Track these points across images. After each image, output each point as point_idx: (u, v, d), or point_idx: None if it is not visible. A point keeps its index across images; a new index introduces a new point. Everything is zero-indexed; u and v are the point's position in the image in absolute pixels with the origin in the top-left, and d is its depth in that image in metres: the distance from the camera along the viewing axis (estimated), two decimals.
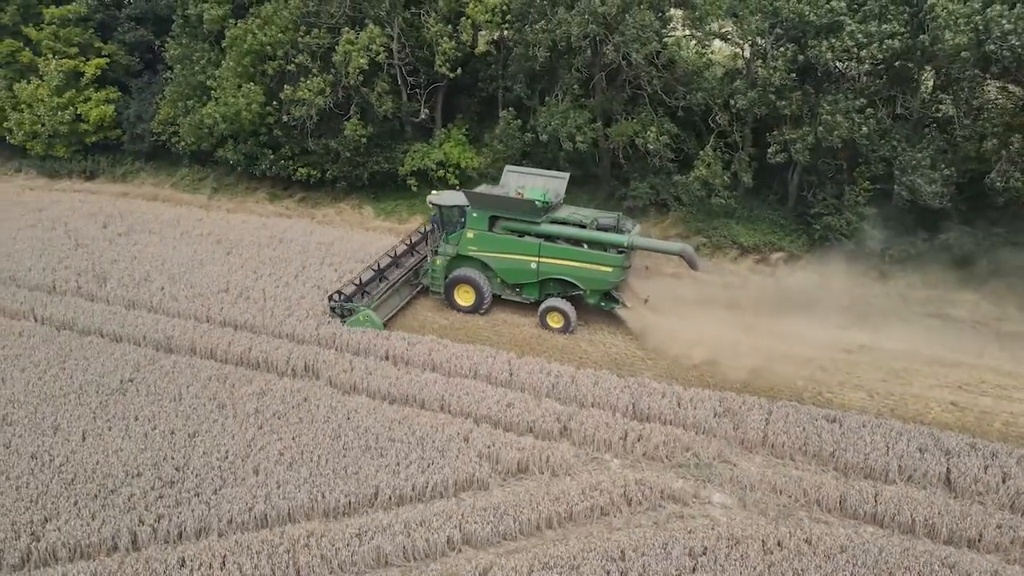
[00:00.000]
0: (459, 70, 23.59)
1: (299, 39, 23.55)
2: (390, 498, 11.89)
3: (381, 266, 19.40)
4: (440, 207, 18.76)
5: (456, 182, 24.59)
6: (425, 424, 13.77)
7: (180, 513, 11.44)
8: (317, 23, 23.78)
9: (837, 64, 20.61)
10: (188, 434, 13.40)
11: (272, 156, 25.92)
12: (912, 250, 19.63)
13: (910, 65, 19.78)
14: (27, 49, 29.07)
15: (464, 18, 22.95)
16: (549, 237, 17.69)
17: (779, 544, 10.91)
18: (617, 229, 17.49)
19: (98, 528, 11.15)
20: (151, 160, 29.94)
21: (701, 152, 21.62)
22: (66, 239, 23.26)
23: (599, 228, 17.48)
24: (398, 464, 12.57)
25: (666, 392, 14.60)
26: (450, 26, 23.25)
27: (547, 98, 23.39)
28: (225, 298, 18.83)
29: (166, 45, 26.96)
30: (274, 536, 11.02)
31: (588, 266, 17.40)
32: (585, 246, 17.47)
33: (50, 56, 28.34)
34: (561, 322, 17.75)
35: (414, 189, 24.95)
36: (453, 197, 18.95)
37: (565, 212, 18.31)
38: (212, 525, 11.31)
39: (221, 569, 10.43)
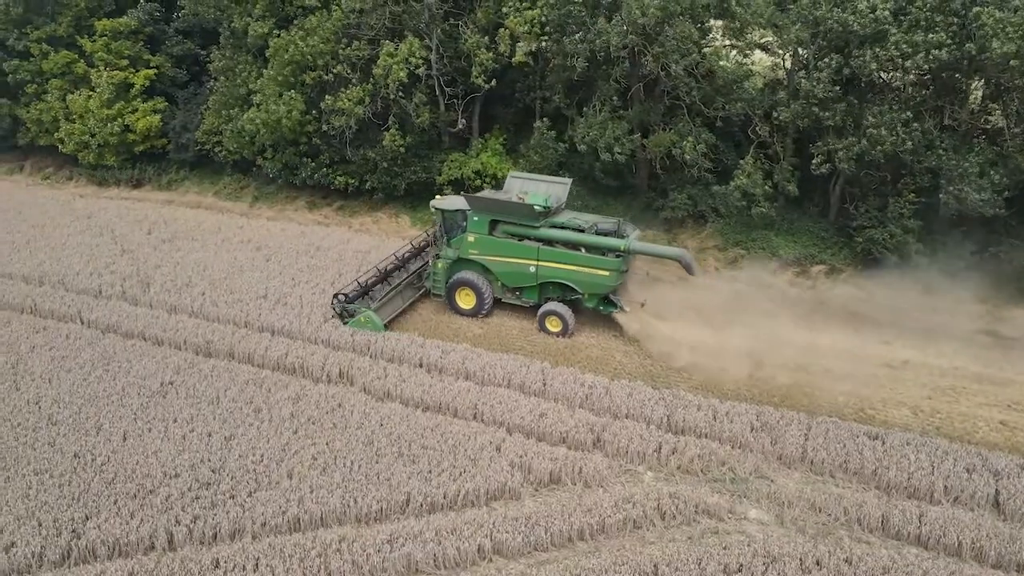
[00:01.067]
0: (494, 81, 23.69)
1: (340, 50, 23.93)
2: (421, 505, 11.87)
3: (386, 269, 19.74)
4: (443, 211, 18.99)
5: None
6: (458, 432, 13.74)
7: (215, 515, 11.56)
8: (358, 35, 24.15)
9: (882, 75, 20.22)
10: (225, 437, 13.58)
11: (312, 165, 26.35)
12: (960, 264, 19.04)
13: (958, 75, 19.31)
14: (81, 61, 30.05)
15: (502, 29, 23.08)
16: (548, 241, 17.87)
17: (818, 563, 10.60)
18: (618, 234, 17.55)
19: (136, 527, 11.33)
20: (195, 169, 30.68)
21: (741, 161, 21.36)
22: (113, 245, 23.90)
23: (598, 233, 17.58)
24: (430, 471, 12.55)
25: (702, 405, 14.36)
26: (487, 37, 23.39)
27: (585, 108, 23.36)
28: (263, 304, 19.11)
29: (211, 56, 27.65)
30: (306, 540, 11.07)
31: (586, 270, 17.56)
32: (583, 250, 17.61)
33: (102, 68, 29.26)
34: (559, 326, 17.86)
35: None
36: (455, 202, 19.16)
37: (565, 217, 18.44)
38: (246, 527, 11.40)
39: (254, 571, 10.51)
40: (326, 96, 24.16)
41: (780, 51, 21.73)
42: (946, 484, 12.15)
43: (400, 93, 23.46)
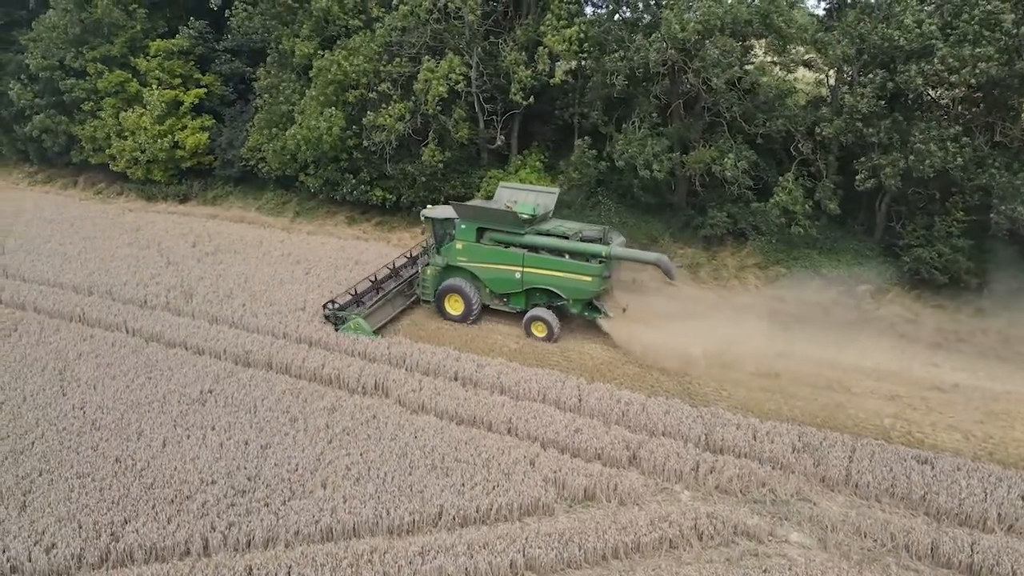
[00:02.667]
0: (533, 98, 23.80)
1: (381, 68, 24.31)
2: (454, 518, 11.77)
3: (378, 278, 20.34)
4: (433, 220, 19.54)
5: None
6: (491, 446, 13.63)
7: (250, 522, 11.61)
8: (399, 53, 24.52)
9: (928, 91, 19.79)
10: (261, 445, 13.68)
11: (352, 181, 26.73)
12: (1012, 285, 18.38)
13: (1009, 92, 18.77)
14: (134, 80, 31.08)
15: (541, 47, 23.21)
16: (533, 248, 18.23)
17: None
18: (603, 242, 17.78)
19: (173, 532, 11.42)
20: (239, 185, 31.38)
21: (781, 179, 21.03)
22: (158, 257, 24.49)
23: (583, 240, 17.83)
24: (463, 485, 12.45)
25: (741, 424, 14.02)
26: (526, 55, 23.55)
27: (624, 125, 23.30)
28: (302, 316, 19.32)
29: (257, 75, 28.35)
30: (339, 550, 11.04)
31: (569, 276, 17.85)
32: (567, 256, 17.87)
33: (154, 86, 30.22)
34: (545, 331, 18.29)
35: None
36: (445, 211, 19.60)
37: (551, 224, 18.91)
38: (279, 535, 11.42)
39: None
40: (367, 112, 24.53)
41: (824, 67, 21.40)
42: (1000, 512, 11.63)
43: (439, 109, 23.70)
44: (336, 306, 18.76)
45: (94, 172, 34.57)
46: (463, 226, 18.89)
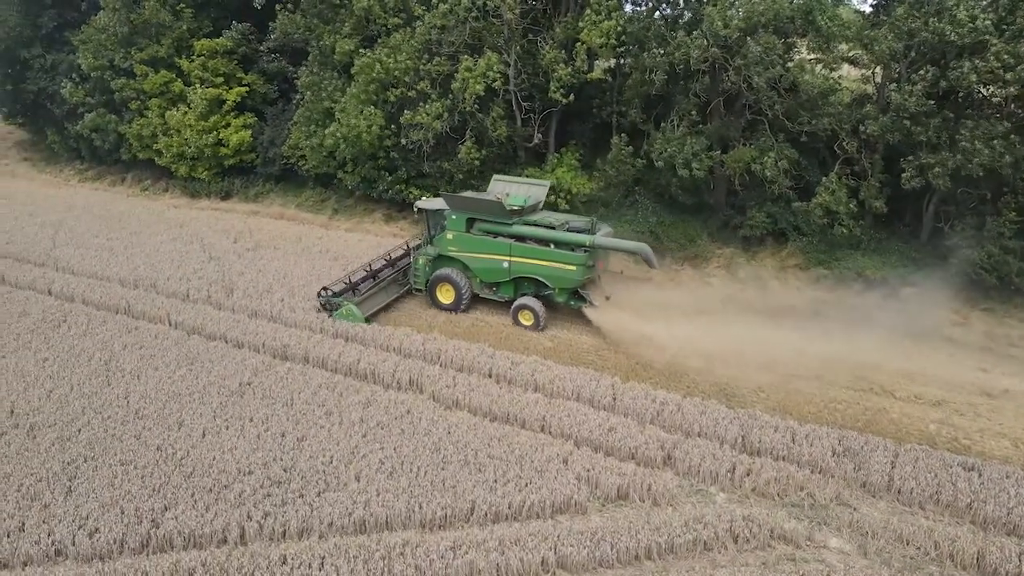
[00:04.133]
0: (572, 96, 23.70)
1: (421, 67, 24.46)
2: (486, 514, 11.75)
3: (373, 267, 20.95)
4: (426, 211, 20.30)
5: (567, 207, 24.60)
6: (524, 443, 13.60)
7: (285, 512, 11.75)
8: (438, 51, 24.64)
9: (981, 88, 19.17)
10: (297, 438, 13.85)
11: (389, 179, 26.94)
12: None
13: None
14: (179, 80, 31.81)
15: (579, 43, 23.09)
16: (520, 238, 18.66)
17: None
18: (590, 232, 18.18)
19: (211, 520, 11.61)
20: (280, 182, 31.88)
21: (824, 179, 20.58)
22: (201, 252, 25.00)
23: (570, 230, 18.36)
24: (495, 481, 12.43)
25: (779, 426, 13.75)
26: (564, 52, 23.45)
27: (662, 124, 23.07)
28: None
29: (299, 73, 28.76)
30: (371, 542, 11.11)
31: (554, 265, 18.26)
32: (552, 246, 18.27)
33: (198, 85, 30.88)
34: (532, 320, 18.73)
35: None
36: (438, 203, 20.14)
37: (539, 215, 19.47)
38: (314, 526, 11.54)
39: (319, 570, 10.58)
40: (405, 111, 24.70)
41: (870, 64, 20.88)
42: None
43: (477, 107, 23.74)
44: (330, 293, 19.34)
45: (141, 169, 35.46)
46: (453, 217, 19.42)
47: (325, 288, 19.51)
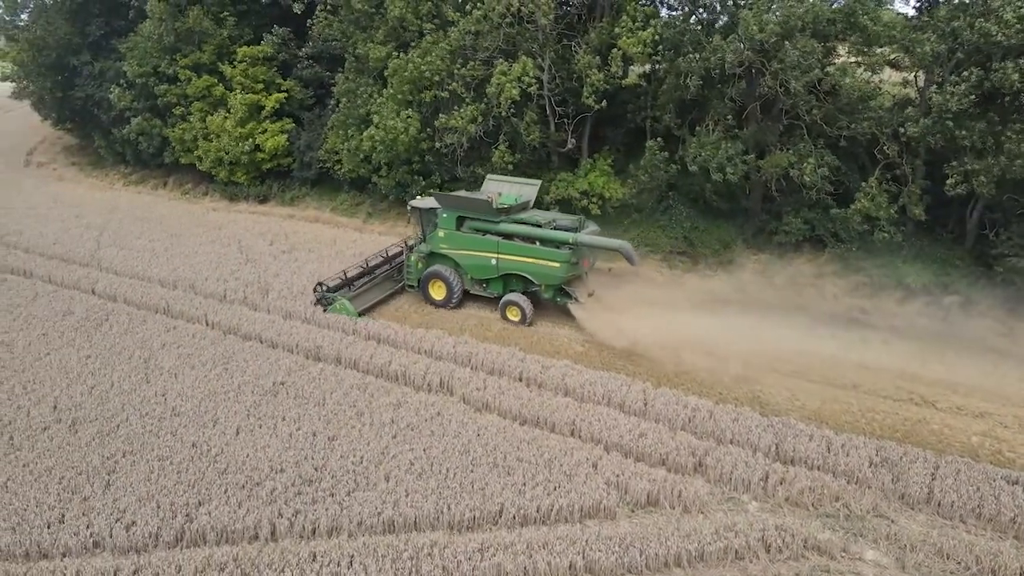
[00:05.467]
0: (605, 101, 23.62)
1: (455, 70, 24.61)
2: (514, 517, 11.73)
3: (369, 264, 21.78)
4: (419, 210, 20.80)
5: (598, 212, 24.51)
6: (554, 447, 13.55)
7: (315, 510, 11.88)
8: (473, 56, 24.77)
9: None
10: (328, 437, 14.00)
11: (423, 183, 27.13)
12: None
13: None
14: (220, 85, 32.50)
15: (615, 50, 23.01)
16: (507, 235, 19.17)
17: None
18: (576, 231, 18.58)
19: (243, 516, 11.79)
20: (315, 186, 32.32)
21: (864, 184, 20.17)
22: (238, 254, 25.45)
23: (556, 228, 18.77)
24: (524, 484, 12.40)
25: (814, 435, 13.48)
26: (599, 58, 23.40)
27: (697, 128, 22.85)
28: (371, 313, 19.69)
29: (336, 80, 29.16)
30: (399, 542, 11.16)
31: (539, 262, 18.78)
32: (538, 244, 18.76)
33: (238, 91, 31.50)
34: (519, 315, 19.32)
35: None
36: (430, 202, 20.78)
37: (527, 214, 19.99)
38: (343, 525, 11.64)
39: (348, 568, 10.66)
40: (440, 115, 24.85)
41: (912, 66, 20.42)
42: None
43: (511, 111, 23.79)
44: (324, 288, 20.06)
45: (182, 173, 36.25)
46: (444, 215, 20.01)
47: (320, 283, 20.28)
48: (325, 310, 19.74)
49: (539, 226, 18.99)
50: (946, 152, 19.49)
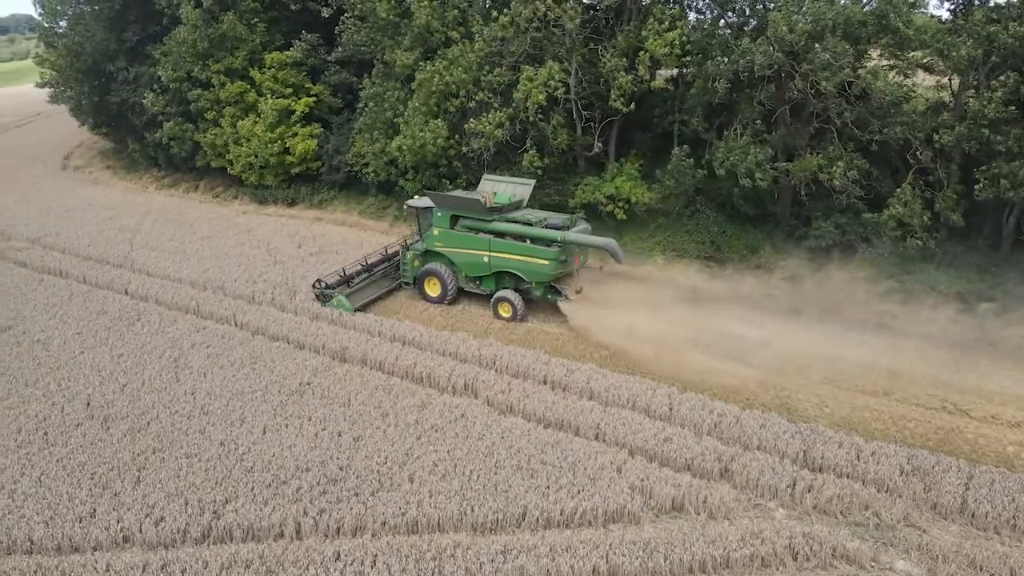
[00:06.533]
0: (633, 105, 23.53)
1: (481, 77, 24.70)
2: (537, 520, 11.70)
3: (368, 262, 22.43)
4: (417, 209, 21.46)
5: (624, 217, 24.41)
6: (578, 450, 13.49)
7: (340, 510, 11.97)
8: (500, 62, 24.83)
9: None
10: (353, 438, 14.10)
11: (449, 187, 27.24)
12: None
13: None
14: (252, 90, 32.99)
15: (642, 52, 22.93)
16: (498, 234, 19.65)
17: None
18: (566, 229, 19.05)
19: (269, 514, 11.93)
20: (343, 189, 32.59)
21: (898, 190, 19.82)
22: (267, 256, 25.78)
23: (547, 227, 19.25)
24: (548, 487, 12.37)
25: (844, 442, 13.26)
26: (626, 60, 23.33)
27: (725, 132, 22.66)
28: (396, 315, 19.83)
29: (363, 84, 29.44)
30: (423, 543, 11.19)
31: (528, 259, 19.25)
32: (528, 242, 19.21)
33: (268, 95, 31.95)
34: (510, 311, 19.74)
35: None
36: (426, 201, 21.34)
37: (521, 213, 20.49)
38: (367, 524, 11.71)
39: (372, 567, 10.73)
40: (468, 120, 24.94)
41: (947, 70, 20.05)
42: None
43: (539, 116, 23.80)
44: (323, 284, 20.79)
45: (213, 177, 36.81)
46: (439, 214, 20.54)
47: (319, 280, 21.01)
48: (323, 305, 20.52)
49: (530, 225, 19.47)
50: (981, 157, 19.10)
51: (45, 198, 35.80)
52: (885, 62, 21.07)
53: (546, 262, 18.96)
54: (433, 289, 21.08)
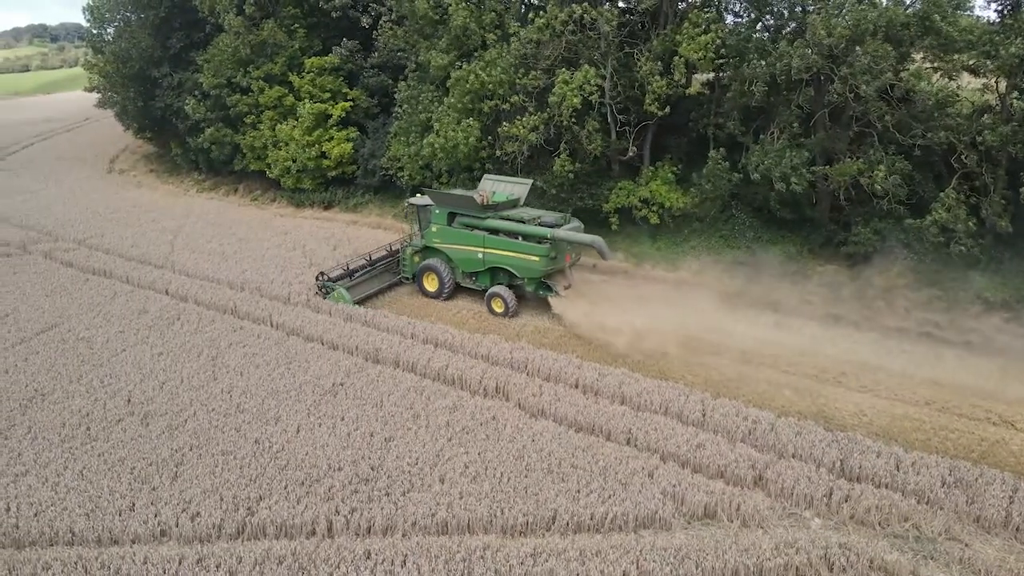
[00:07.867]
0: (667, 108, 23.36)
1: (517, 80, 24.76)
2: (567, 524, 11.63)
3: (371, 257, 23.33)
4: (417, 207, 22.26)
5: (658, 221, 24.24)
6: (609, 455, 13.39)
7: (371, 509, 12.04)
8: (535, 65, 24.86)
9: None
10: (385, 438, 14.18)
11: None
12: None
13: None
14: (290, 95, 33.56)
15: (676, 57, 22.75)
16: (492, 231, 20.43)
17: None
18: (559, 227, 19.65)
19: (301, 512, 12.04)
20: (378, 193, 32.95)
21: (941, 195, 19.34)
22: (303, 258, 26.14)
23: (541, 225, 19.87)
24: (578, 491, 12.30)
25: (882, 452, 12.95)
26: (661, 64, 23.18)
27: (761, 136, 22.36)
28: (429, 318, 19.94)
29: (399, 88, 29.74)
30: (452, 544, 11.20)
31: (520, 256, 20.05)
32: (520, 239, 19.95)
33: (306, 100, 32.47)
34: (502, 306, 20.49)
35: (614, 228, 24.89)
36: (426, 199, 22.16)
37: (516, 211, 21.15)
38: (398, 524, 11.76)
39: (402, 567, 10.76)
40: (502, 123, 25.03)
41: (993, 72, 19.52)
42: None
43: (573, 120, 23.78)
44: (326, 277, 21.70)
45: (252, 180, 37.53)
46: (437, 211, 21.39)
47: (322, 273, 21.88)
48: (324, 297, 21.39)
49: (523, 222, 20.04)
50: None
51: (91, 200, 36.81)
52: (928, 64, 20.59)
53: (537, 258, 19.73)
54: (431, 284, 22.01)
